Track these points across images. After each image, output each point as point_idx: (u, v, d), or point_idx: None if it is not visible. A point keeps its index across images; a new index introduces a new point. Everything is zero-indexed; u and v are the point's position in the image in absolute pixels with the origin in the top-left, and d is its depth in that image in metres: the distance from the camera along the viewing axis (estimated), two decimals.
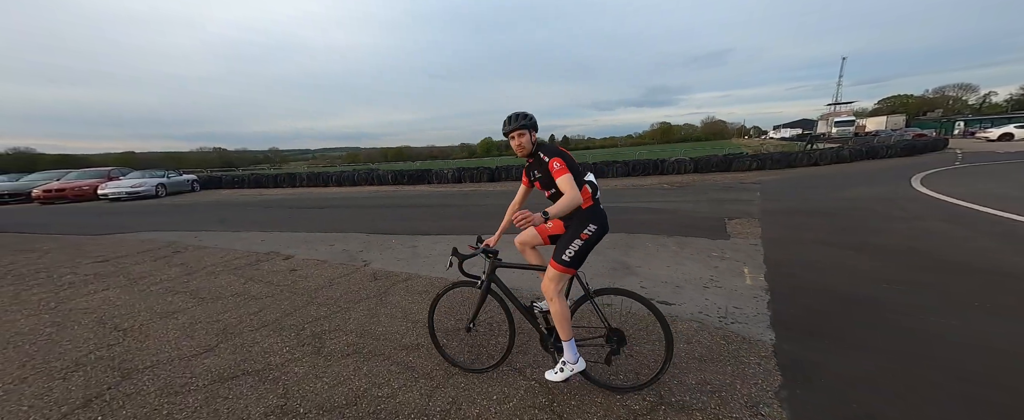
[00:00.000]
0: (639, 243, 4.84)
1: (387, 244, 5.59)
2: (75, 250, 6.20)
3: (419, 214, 8.49)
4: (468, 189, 13.59)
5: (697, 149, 31.15)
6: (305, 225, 7.61)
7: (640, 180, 13.12)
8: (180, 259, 5.32)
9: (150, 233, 7.47)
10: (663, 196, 9.17)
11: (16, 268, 5.20)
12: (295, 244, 5.91)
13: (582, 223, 1.95)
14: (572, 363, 1.96)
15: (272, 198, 13.87)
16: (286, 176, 19.04)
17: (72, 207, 13.43)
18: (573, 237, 1.93)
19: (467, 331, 2.41)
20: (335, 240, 6.05)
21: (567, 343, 1.96)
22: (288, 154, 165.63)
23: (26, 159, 78.69)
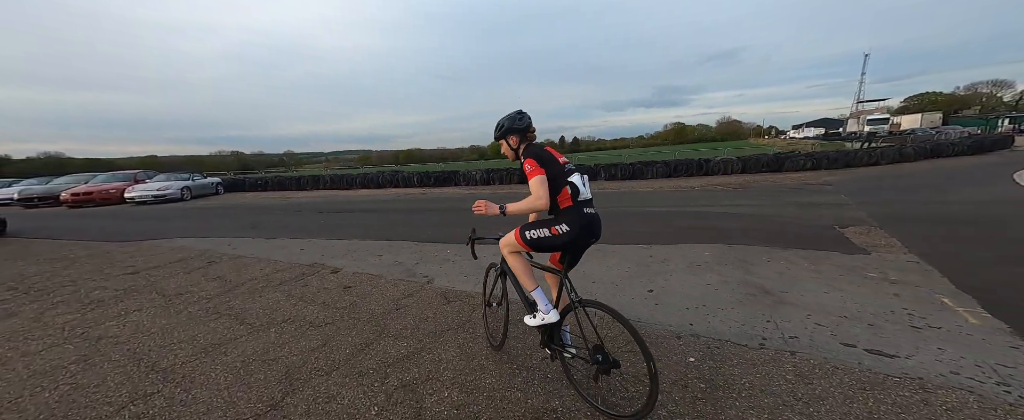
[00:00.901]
0: (754, 258, 4.06)
1: (443, 255, 4.94)
2: (104, 259, 5.73)
3: (461, 219, 7.84)
4: (502, 191, 12.95)
5: (720, 149, 29.89)
6: (343, 231, 7.05)
7: (685, 181, 12.28)
8: (216, 271, 4.77)
9: (181, 240, 7.00)
10: (728, 199, 8.33)
11: (43, 281, 4.72)
12: (339, 254, 5.31)
13: (558, 221, 1.91)
14: (543, 313, 2.03)
15: (299, 201, 13.46)
16: (310, 178, 18.72)
17: (100, 210, 13.24)
18: (546, 225, 1.93)
19: (487, 306, 2.67)
20: (382, 250, 5.43)
21: (534, 292, 2.05)
22: (302, 157, 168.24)
23: (56, 163, 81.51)
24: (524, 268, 2.07)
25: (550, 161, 1.87)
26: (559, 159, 1.91)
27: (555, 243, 1.91)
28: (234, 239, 6.80)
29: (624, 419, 1.75)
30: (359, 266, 4.68)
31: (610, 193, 10.80)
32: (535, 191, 1.78)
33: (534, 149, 1.94)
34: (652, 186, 11.79)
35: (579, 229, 1.86)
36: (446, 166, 24.07)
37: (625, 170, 13.85)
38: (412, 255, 5.03)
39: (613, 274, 3.80)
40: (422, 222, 7.68)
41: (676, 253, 4.34)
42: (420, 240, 5.88)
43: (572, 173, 1.91)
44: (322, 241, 6.25)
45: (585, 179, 1.95)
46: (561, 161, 1.91)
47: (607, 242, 5.04)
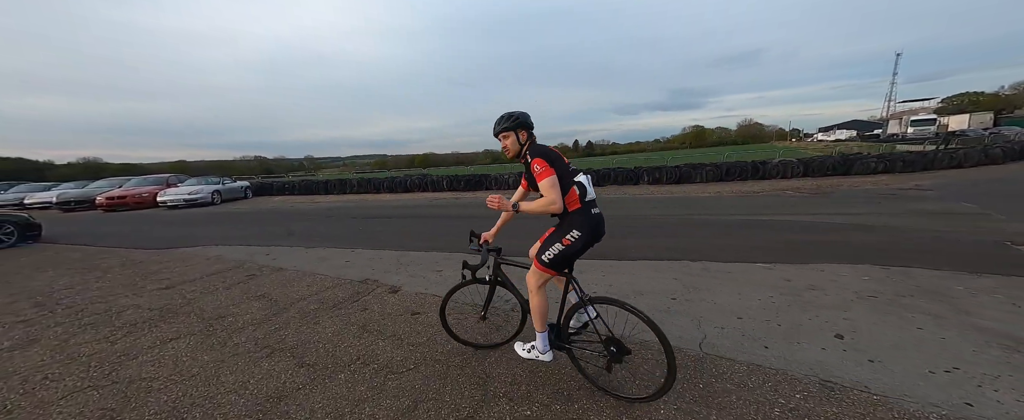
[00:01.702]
0: (943, 287, 3.17)
1: (518, 273, 4.23)
2: (137, 270, 5.28)
3: (514, 228, 7.14)
4: None
5: (740, 152, 28.31)
6: (386, 240, 6.46)
7: (742, 185, 11.29)
8: (259, 287, 4.20)
9: (215, 248, 6.54)
10: (815, 207, 7.36)
11: (72, 295, 4.25)
12: (391, 268, 4.69)
13: (566, 228, 1.89)
14: (540, 351, 2.12)
15: (329, 206, 13.07)
16: (337, 182, 18.46)
17: (133, 215, 13.18)
18: (556, 240, 1.90)
19: (482, 319, 2.61)
20: (440, 263, 4.78)
21: (540, 334, 2.10)
22: (321, 161, 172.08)
23: (95, 167, 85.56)
24: (542, 309, 2.06)
25: (557, 160, 1.83)
26: (564, 159, 1.87)
27: (571, 253, 1.88)
28: (271, 248, 6.30)
29: (642, 400, 1.89)
30: (420, 284, 4.03)
31: (662, 199, 9.94)
32: (548, 194, 1.75)
33: (542, 148, 1.86)
34: (706, 191, 10.86)
35: (591, 231, 1.85)
36: (476, 169, 23.46)
37: (671, 173, 12.93)
38: None
39: (755, 306, 3.00)
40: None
41: (819, 278, 3.50)
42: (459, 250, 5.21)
43: (577, 173, 1.88)
44: (367, 251, 5.66)
45: (589, 178, 1.93)
46: (565, 161, 1.87)
47: (708, 258, 4.26)
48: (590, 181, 1.93)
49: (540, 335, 2.09)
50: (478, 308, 2.61)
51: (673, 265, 4.08)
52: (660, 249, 4.78)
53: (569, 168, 1.85)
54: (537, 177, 1.76)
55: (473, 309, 3.07)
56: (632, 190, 12.35)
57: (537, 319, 2.06)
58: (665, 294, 3.30)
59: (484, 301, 2.51)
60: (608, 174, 13.73)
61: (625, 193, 11.55)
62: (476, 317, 2.82)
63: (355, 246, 6.09)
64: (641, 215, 7.60)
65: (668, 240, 5.31)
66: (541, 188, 1.75)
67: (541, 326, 2.07)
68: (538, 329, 2.08)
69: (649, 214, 7.64)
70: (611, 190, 12.60)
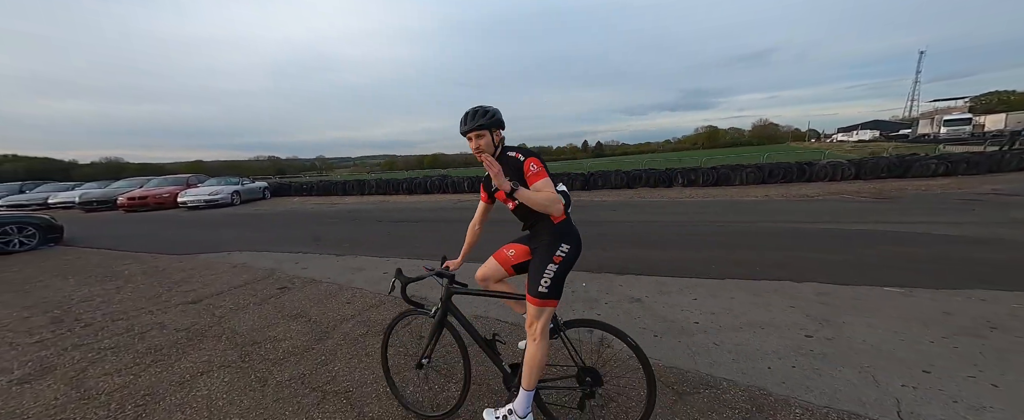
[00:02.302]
0: None
1: (589, 294, 3.71)
2: (160, 279, 4.92)
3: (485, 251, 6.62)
4: (582, 199, 11.65)
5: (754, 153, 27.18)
6: (419, 247, 6.01)
7: (789, 188, 10.56)
8: (293, 303, 3.77)
9: (240, 254, 6.18)
10: (889, 215, 6.66)
11: (91, 309, 3.89)
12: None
13: (552, 244, 1.68)
14: (519, 416, 1.71)
15: (350, 208, 12.73)
16: (355, 183, 18.19)
17: (154, 215, 13.05)
18: (545, 262, 1.67)
19: (418, 368, 2.00)
20: None
21: (527, 392, 1.69)
22: (332, 161, 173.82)
23: (116, 167, 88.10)
24: (541, 361, 1.67)
25: (546, 165, 1.65)
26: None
27: (566, 269, 1.68)
28: (299, 255, 5.90)
29: None
30: (479, 305, 3.54)
31: (706, 202, 9.31)
32: (550, 192, 1.53)
33: (532, 150, 1.67)
34: (750, 194, 10.17)
35: (576, 243, 1.72)
36: None
37: (707, 175, 12.25)
38: None
39: (932, 352, 2.38)
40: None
41: (988, 310, 2.84)
42: None
43: (558, 182, 1.71)
44: (405, 261, 5.20)
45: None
46: None
47: (809, 277, 3.67)
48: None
49: (524, 394, 1.68)
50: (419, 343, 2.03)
51: (774, 287, 3.49)
52: (744, 264, 4.20)
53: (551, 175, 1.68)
54: (531, 177, 1.57)
55: (414, 343, 2.34)
56: (667, 193, 11.72)
57: (529, 374, 1.66)
58: (793, 329, 2.71)
59: (426, 342, 1.96)
60: (640, 176, 13.11)
61: (661, 196, 10.93)
62: (414, 361, 2.04)
63: (389, 254, 5.64)
64: (691, 220, 7.00)
65: (746, 253, 4.72)
66: (540, 188, 1.55)
67: (531, 383, 1.66)
68: (526, 386, 1.67)
69: (699, 219, 7.04)
70: (644, 193, 11.99)
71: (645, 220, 7.39)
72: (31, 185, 19.01)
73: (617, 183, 13.22)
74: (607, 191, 13.01)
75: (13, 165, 72.87)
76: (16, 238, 7.21)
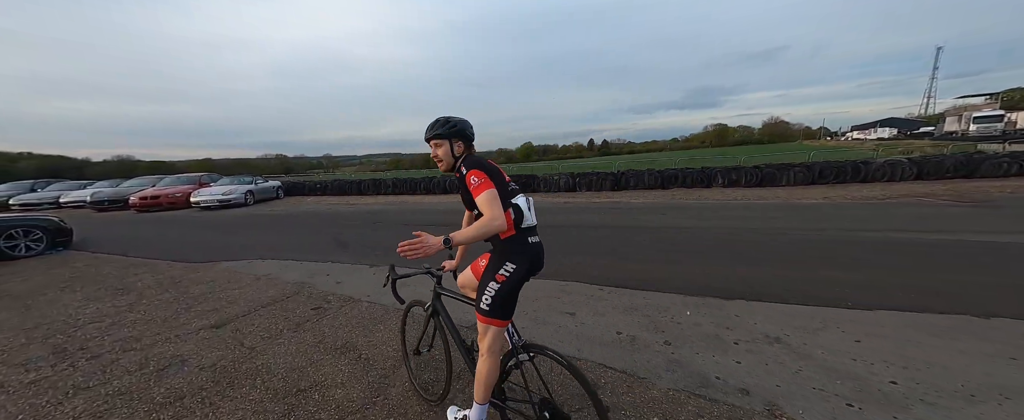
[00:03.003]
0: None
1: (711, 326, 3.06)
2: (177, 293, 4.37)
3: (621, 242, 5.97)
4: (601, 201, 10.97)
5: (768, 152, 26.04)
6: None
7: (843, 189, 9.77)
8: (335, 330, 3.17)
9: (263, 262, 5.63)
10: (998, 224, 5.89)
11: (100, 333, 3.34)
12: None
13: (498, 262, 1.61)
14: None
15: (370, 209, 12.19)
16: (370, 182, 17.68)
17: (167, 216, 12.64)
18: (488, 280, 1.61)
19: (416, 354, 2.33)
20: (561, 299, 3.66)
21: (478, 406, 1.69)
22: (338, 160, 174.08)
23: (128, 165, 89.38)
24: (489, 378, 1.63)
25: (497, 175, 1.56)
26: (504, 176, 1.61)
27: (510, 288, 1.58)
28: (328, 265, 5.33)
29: None
30: (552, 333, 2.91)
31: (759, 206, 8.56)
32: (488, 210, 1.43)
33: (478, 159, 1.59)
34: (806, 195, 9.39)
35: (529, 263, 1.61)
36: (520, 168, 22.22)
37: (750, 174, 11.47)
38: (636, 320, 3.18)
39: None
40: (568, 248, 5.87)
41: None
42: (595, 281, 4.06)
43: (516, 194, 1.64)
44: None
45: (530, 202, 1.67)
46: (506, 179, 1.62)
47: (968, 305, 2.97)
48: (530, 205, 1.67)
49: (477, 407, 1.70)
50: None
51: (953, 323, 2.75)
52: (877, 288, 3.48)
53: (509, 187, 1.63)
54: (474, 190, 1.48)
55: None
56: (706, 193, 10.98)
57: (479, 388, 1.67)
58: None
59: (420, 333, 2.25)
60: (675, 175, 12.36)
61: (703, 197, 10.20)
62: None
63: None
64: (757, 227, 6.30)
65: (864, 272, 4.02)
66: (479, 204, 1.46)
67: (482, 397, 1.68)
68: (478, 400, 1.69)
69: (766, 226, 6.33)
70: (680, 193, 11.26)
71: (703, 226, 6.69)
72: (42, 183, 18.82)
73: (650, 183, 12.50)
74: (639, 192, 12.30)
75: (28, 163, 74.09)
76: (23, 242, 6.75)
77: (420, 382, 2.31)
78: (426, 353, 2.28)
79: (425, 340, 2.24)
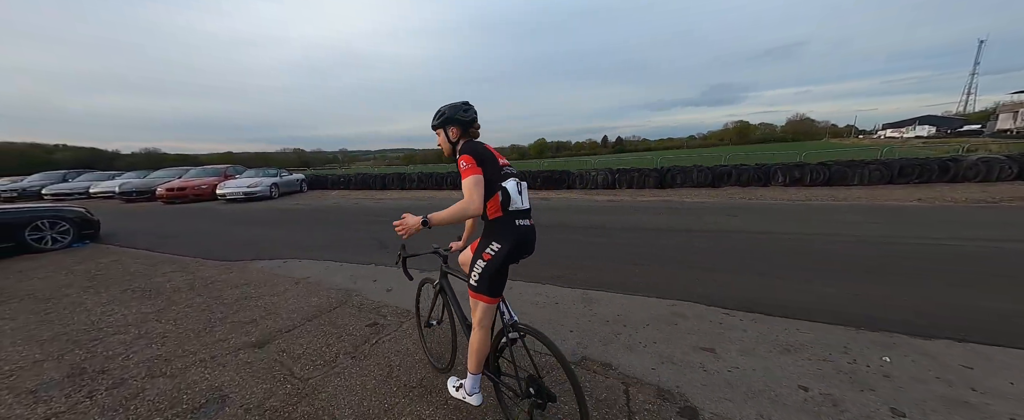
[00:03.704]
0: None
1: (915, 368, 2.32)
2: (209, 297, 3.88)
3: (710, 250, 5.24)
4: (650, 199, 10.16)
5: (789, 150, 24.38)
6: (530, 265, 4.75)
7: (928, 190, 8.72)
8: (404, 359, 2.58)
9: (299, 262, 5.13)
10: None
11: (125, 352, 2.83)
12: (594, 327, 2.93)
13: (485, 241, 1.71)
14: (468, 393, 1.92)
15: (400, 205, 11.71)
16: (395, 177, 17.27)
17: (194, 209, 12.44)
18: (476, 258, 1.71)
19: (427, 327, 2.45)
20: (665, 314, 2.97)
21: (472, 375, 1.87)
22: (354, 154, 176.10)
23: (155, 158, 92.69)
24: (481, 349, 1.78)
25: (490, 160, 1.64)
26: (499, 160, 1.70)
27: (495, 267, 1.66)
28: (371, 267, 4.78)
29: None
30: (702, 382, 2.23)
31: (840, 207, 7.64)
32: (467, 193, 1.53)
33: (472, 145, 1.67)
34: (893, 197, 8.39)
35: (512, 244, 1.66)
36: (551, 164, 21.45)
37: (815, 172, 10.47)
38: (812, 366, 2.47)
39: None
40: (641, 254, 5.16)
41: None
42: (713, 301, 3.35)
43: (508, 178, 1.67)
44: (518, 283, 3.96)
45: (522, 186, 1.72)
46: (501, 162, 1.70)
47: None
48: (523, 189, 1.70)
49: (471, 376, 1.85)
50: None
51: None
52: None
53: (503, 171, 1.66)
54: (462, 174, 1.56)
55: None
56: (764, 192, 10.05)
57: (471, 358, 1.81)
58: None
59: (430, 307, 2.40)
60: (727, 172, 11.43)
61: (764, 197, 9.28)
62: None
63: None
64: (857, 233, 5.44)
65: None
66: (463, 187, 1.54)
67: (474, 367, 1.82)
68: (471, 369, 1.83)
69: (867, 233, 5.47)
70: (735, 192, 10.35)
71: (802, 232, 5.87)
72: (74, 173, 19.11)
73: (699, 181, 11.60)
74: (688, 190, 11.42)
75: (63, 154, 77.46)
76: (49, 234, 6.45)
77: (431, 352, 2.51)
78: (436, 326, 2.41)
79: (435, 314, 2.39)
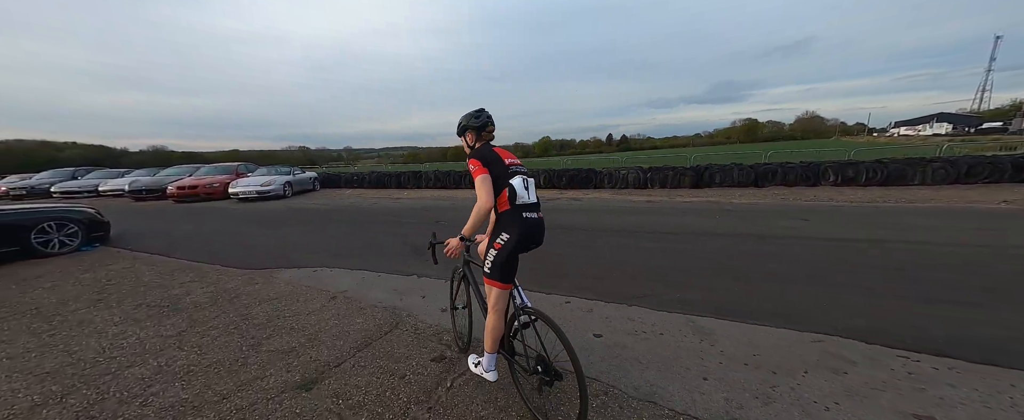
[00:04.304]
0: None
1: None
2: (236, 315, 3.38)
3: (813, 263, 4.64)
4: (692, 200, 9.53)
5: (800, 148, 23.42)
6: (612, 278, 4.19)
7: (1010, 191, 8.01)
8: (496, 414, 2.02)
9: (330, 271, 4.63)
10: None
11: (141, 395, 2.33)
12: (744, 381, 2.36)
13: (496, 232, 1.91)
14: (485, 370, 2.13)
15: (420, 204, 11.20)
16: (411, 175, 16.77)
17: (206, 208, 12.05)
18: (489, 247, 1.92)
19: (454, 310, 2.70)
20: (846, 374, 2.39)
21: (488, 354, 2.08)
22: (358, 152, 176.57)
23: (163, 156, 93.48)
24: (494, 330, 2.01)
25: (495, 161, 1.87)
26: (505, 160, 1.89)
27: (504, 257, 1.86)
28: (413, 279, 4.26)
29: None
30: None
31: (919, 210, 6.96)
32: (478, 194, 1.79)
33: (478, 150, 1.93)
34: (967, 198, 7.69)
35: (520, 235, 1.84)
36: (575, 161, 20.76)
37: (872, 170, 9.75)
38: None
39: None
40: (712, 261, 4.58)
41: None
42: (877, 337, 2.76)
43: (515, 175, 1.86)
44: (605, 306, 3.41)
45: (529, 182, 1.90)
46: (507, 162, 1.89)
47: None
48: (529, 185, 1.90)
49: (487, 355, 2.09)
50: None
51: None
52: None
53: (509, 169, 1.86)
54: (473, 175, 1.82)
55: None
56: (813, 192, 9.37)
57: (487, 338, 2.04)
58: None
59: (452, 291, 2.66)
60: (772, 171, 10.74)
61: (821, 200, 8.61)
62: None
63: (550, 285, 3.86)
64: (973, 242, 4.80)
65: None
66: (476, 187, 1.80)
67: (490, 347, 2.05)
68: (487, 349, 2.07)
69: (984, 242, 4.82)
70: (782, 192, 9.68)
71: (889, 239, 5.23)
72: (83, 171, 18.89)
73: (740, 180, 10.94)
74: (728, 190, 10.75)
75: (72, 152, 78.30)
76: (56, 237, 6.01)
77: (458, 332, 2.71)
78: (462, 309, 2.61)
79: (460, 298, 2.60)
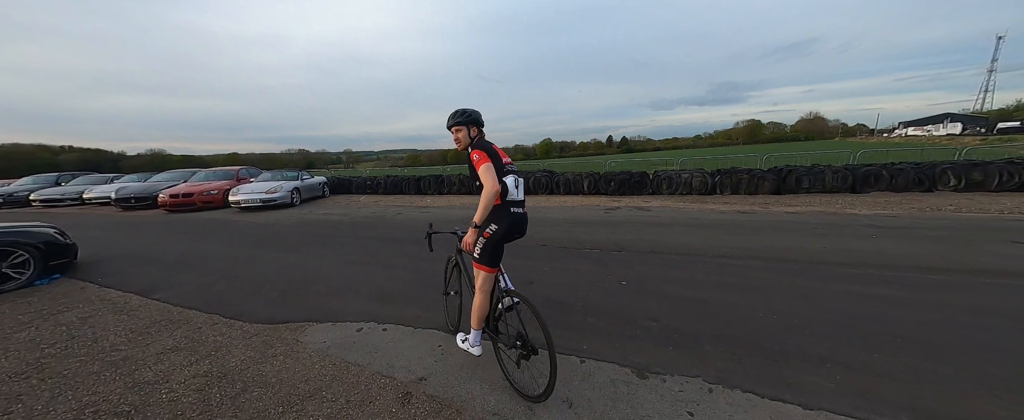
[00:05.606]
0: None
1: None
2: None
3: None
4: (797, 210, 8.00)
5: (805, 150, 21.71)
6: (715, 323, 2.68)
7: None
8: None
9: (384, 330, 3.15)
10: None
11: None
12: None
13: (487, 221, 2.15)
14: (471, 345, 2.44)
15: (452, 213, 9.73)
16: (432, 180, 15.32)
17: (203, 219, 10.60)
18: (479, 234, 2.17)
19: (446, 295, 3.06)
20: None
21: (474, 331, 2.39)
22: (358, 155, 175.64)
23: (160, 159, 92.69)
24: (479, 309, 2.31)
25: (495, 156, 2.13)
26: (503, 158, 2.16)
27: (492, 244, 2.16)
28: None
29: (530, 398, 2.12)
30: None
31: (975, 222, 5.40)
32: (485, 179, 2.03)
33: (482, 143, 2.21)
34: (997, 205, 6.16)
35: (507, 226, 2.15)
36: (626, 164, 19.10)
37: (1006, 172, 8.21)
38: None
39: None
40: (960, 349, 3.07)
41: None
42: None
43: (508, 174, 2.15)
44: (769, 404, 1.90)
45: (519, 181, 2.22)
46: (504, 161, 2.16)
47: None
48: (519, 184, 2.21)
49: (473, 332, 2.39)
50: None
51: None
52: None
53: (504, 169, 2.12)
54: (475, 165, 2.07)
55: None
56: (934, 200, 7.85)
57: (473, 316, 2.34)
58: None
59: (446, 277, 3.00)
60: (874, 174, 9.21)
61: (966, 211, 7.08)
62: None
63: (699, 350, 2.36)
64: None
65: None
66: (480, 174, 2.04)
67: (476, 324, 2.35)
68: (473, 326, 2.37)
69: None
70: (896, 199, 8.15)
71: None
72: (67, 176, 17.50)
73: (832, 185, 9.41)
74: (821, 197, 9.21)
75: (69, 156, 77.40)
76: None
77: (449, 315, 3.06)
78: (454, 295, 2.95)
79: (452, 285, 2.97)
